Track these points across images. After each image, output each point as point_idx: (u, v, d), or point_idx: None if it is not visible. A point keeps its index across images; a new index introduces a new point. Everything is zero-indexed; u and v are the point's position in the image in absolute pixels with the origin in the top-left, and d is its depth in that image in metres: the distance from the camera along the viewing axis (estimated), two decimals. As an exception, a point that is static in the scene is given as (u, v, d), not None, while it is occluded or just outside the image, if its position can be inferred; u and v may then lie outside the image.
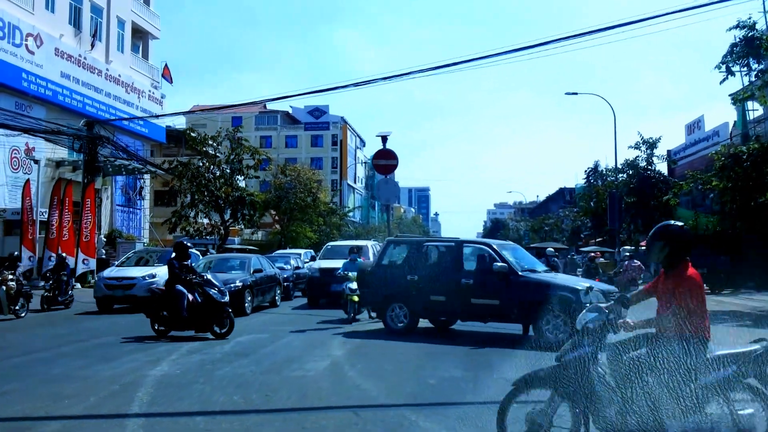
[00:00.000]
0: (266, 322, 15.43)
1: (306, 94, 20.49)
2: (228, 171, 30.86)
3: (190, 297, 12.23)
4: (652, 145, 31.31)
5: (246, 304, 16.55)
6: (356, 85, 20.20)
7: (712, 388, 4.74)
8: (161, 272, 17.58)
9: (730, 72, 18.04)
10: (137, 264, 20.02)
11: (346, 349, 11.09)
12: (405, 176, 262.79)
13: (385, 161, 15.75)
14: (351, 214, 67.03)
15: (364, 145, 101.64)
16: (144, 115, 33.69)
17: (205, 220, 32.34)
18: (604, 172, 37.31)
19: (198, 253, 21.60)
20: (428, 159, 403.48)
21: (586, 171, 39.04)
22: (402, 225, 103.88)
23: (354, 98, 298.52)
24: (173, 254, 13.08)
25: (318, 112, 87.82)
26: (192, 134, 31.21)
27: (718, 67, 18.20)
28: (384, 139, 15.49)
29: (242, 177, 31.88)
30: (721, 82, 18.09)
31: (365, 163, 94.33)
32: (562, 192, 79.35)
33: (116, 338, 12.37)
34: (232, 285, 16.03)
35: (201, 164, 30.50)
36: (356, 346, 11.55)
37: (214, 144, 31.37)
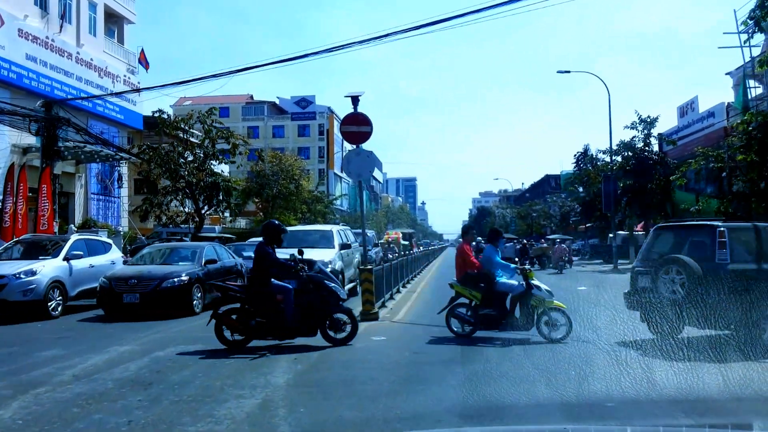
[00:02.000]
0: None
1: (283, 61, 17.24)
2: (201, 155, 27.22)
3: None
4: (649, 124, 27.81)
5: (195, 302, 13.17)
6: (330, 50, 16.81)
7: None
8: (46, 268, 13.04)
9: (759, 27, 14.51)
10: (25, 256, 14.00)
11: (294, 374, 7.30)
12: (392, 161, 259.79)
13: (355, 128, 11.71)
14: (337, 202, 63.38)
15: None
16: (102, 93, 29.99)
17: (180, 207, 28.70)
18: (595, 155, 33.77)
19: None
20: (415, 149, 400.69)
21: (575, 155, 35.62)
22: (390, 214, 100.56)
23: (340, 89, 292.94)
24: (263, 238, 9.52)
25: (304, 102, 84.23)
26: (162, 116, 27.56)
27: (745, 22, 14.68)
28: (355, 100, 11.55)
29: (216, 162, 28.22)
30: (746, 41, 14.65)
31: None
32: (547, 179, 76.04)
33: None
34: (176, 279, 12.90)
35: (171, 148, 26.83)
36: (309, 367, 7.78)
37: (185, 126, 27.70)
